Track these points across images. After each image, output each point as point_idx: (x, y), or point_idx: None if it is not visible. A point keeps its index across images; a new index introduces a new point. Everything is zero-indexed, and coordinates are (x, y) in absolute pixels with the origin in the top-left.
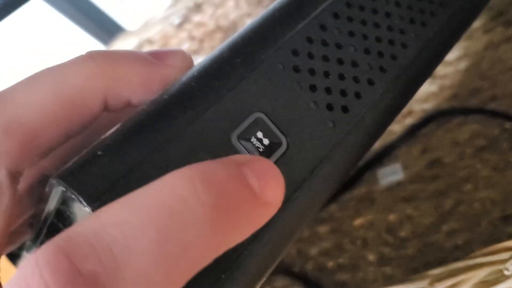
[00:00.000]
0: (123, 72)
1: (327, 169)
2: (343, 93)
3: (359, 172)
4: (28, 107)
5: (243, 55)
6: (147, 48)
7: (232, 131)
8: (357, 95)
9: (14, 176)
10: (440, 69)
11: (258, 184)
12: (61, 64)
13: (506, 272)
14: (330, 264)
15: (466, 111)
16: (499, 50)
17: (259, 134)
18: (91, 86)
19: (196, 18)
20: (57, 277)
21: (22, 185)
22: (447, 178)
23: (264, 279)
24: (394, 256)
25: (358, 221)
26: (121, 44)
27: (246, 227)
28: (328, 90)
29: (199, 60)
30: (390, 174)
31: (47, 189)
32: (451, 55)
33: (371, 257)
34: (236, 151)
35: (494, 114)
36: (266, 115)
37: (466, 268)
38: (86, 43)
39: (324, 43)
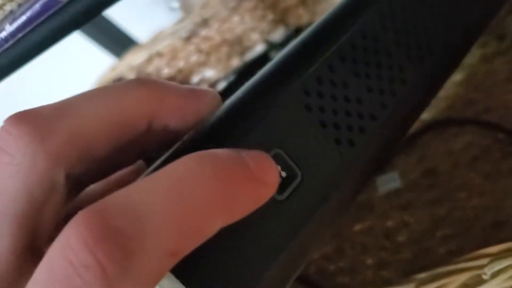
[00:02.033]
0: (168, 100)
1: (336, 197)
2: (349, 128)
3: None
4: (89, 121)
5: (262, 97)
6: (157, 60)
7: None
8: (361, 129)
9: (68, 179)
10: None
11: (255, 165)
12: (117, 85)
13: (484, 277)
14: (331, 267)
15: (461, 122)
16: (493, 63)
17: (278, 168)
18: (141, 109)
19: (203, 32)
20: (92, 231)
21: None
22: (442, 186)
23: None
24: (392, 260)
25: (357, 227)
26: (133, 57)
27: (245, 200)
28: (336, 126)
29: (206, 72)
30: (388, 181)
31: None
32: None
33: (370, 261)
34: None
35: (488, 125)
36: (283, 150)
37: (449, 273)
38: (94, 54)
39: (333, 83)
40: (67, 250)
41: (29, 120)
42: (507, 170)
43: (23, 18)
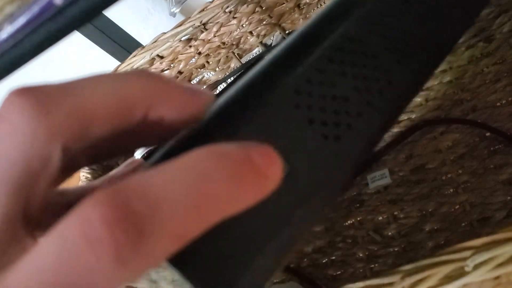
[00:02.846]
0: (167, 93)
1: (324, 189)
2: (336, 124)
3: None
4: (90, 100)
5: (253, 96)
6: (157, 63)
7: None
8: (348, 126)
9: (64, 154)
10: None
11: (261, 160)
12: (121, 73)
13: (466, 269)
14: (324, 260)
15: (449, 121)
16: (480, 64)
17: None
18: (140, 97)
19: (202, 35)
20: (113, 210)
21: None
22: (430, 182)
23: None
24: (381, 254)
25: (349, 221)
26: (135, 59)
27: (250, 193)
28: (324, 123)
29: (206, 73)
30: (379, 178)
31: None
32: None
33: (360, 254)
34: None
35: (475, 124)
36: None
37: (433, 264)
38: (98, 56)
39: (321, 83)
40: (85, 224)
41: (34, 93)
42: (493, 167)
43: (22, 19)
